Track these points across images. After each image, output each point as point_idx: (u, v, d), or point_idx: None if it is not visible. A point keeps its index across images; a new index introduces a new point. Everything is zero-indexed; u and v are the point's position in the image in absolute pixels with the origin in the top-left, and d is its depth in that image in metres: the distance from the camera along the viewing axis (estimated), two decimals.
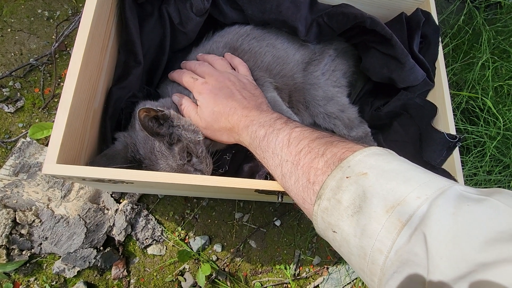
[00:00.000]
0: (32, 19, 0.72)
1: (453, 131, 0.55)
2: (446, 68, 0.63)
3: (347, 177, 0.29)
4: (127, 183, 0.43)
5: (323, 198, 0.30)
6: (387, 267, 0.25)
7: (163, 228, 0.67)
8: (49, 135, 0.60)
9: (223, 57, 0.57)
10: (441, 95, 0.58)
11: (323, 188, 0.30)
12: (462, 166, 0.69)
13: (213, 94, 0.47)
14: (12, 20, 0.71)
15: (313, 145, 0.34)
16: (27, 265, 0.60)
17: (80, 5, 0.75)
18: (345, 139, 0.34)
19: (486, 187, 0.76)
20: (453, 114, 0.60)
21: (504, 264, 0.19)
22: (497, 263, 0.19)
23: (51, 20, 0.73)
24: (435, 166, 0.54)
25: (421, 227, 0.24)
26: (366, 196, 0.27)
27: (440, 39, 0.62)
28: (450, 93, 0.61)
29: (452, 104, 0.59)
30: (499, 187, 0.75)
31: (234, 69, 0.55)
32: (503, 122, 0.68)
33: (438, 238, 0.22)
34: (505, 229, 0.21)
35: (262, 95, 0.49)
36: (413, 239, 0.24)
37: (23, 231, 0.59)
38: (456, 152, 0.54)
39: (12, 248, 0.59)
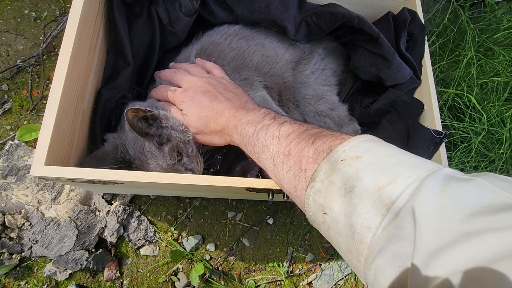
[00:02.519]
0: (18, 20, 0.71)
1: (439, 128, 0.56)
2: (433, 66, 0.64)
3: (341, 160, 0.30)
4: (117, 183, 0.43)
5: (316, 180, 0.31)
6: (374, 244, 0.26)
7: (155, 228, 0.67)
8: (38, 137, 0.59)
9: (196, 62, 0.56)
10: (427, 92, 0.59)
11: (317, 171, 0.31)
12: (449, 161, 0.70)
13: (196, 100, 0.47)
14: None
15: (303, 136, 0.35)
16: (18, 268, 0.59)
17: (68, 5, 0.74)
18: (333, 130, 0.35)
19: None
20: (440, 111, 0.62)
21: (486, 233, 0.20)
22: (480, 233, 0.20)
23: (38, 21, 0.72)
24: None
25: (410, 202, 0.25)
26: (359, 176, 0.28)
27: (426, 38, 0.63)
28: (437, 90, 0.62)
29: (439, 101, 0.60)
30: None
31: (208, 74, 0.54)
32: (487, 118, 0.70)
33: (426, 211, 0.23)
34: (489, 203, 0.22)
35: (245, 93, 0.49)
36: (401, 213, 0.25)
37: (13, 235, 0.59)
38: (442, 148, 0.56)
39: (2, 252, 0.58)
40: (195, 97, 0.47)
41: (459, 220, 0.22)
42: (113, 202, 0.66)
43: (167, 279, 0.65)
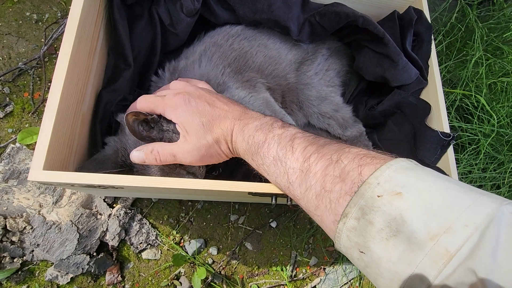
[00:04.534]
0: (20, 22, 0.71)
1: (447, 129, 0.54)
2: (440, 65, 0.62)
3: (378, 196, 0.27)
4: (117, 188, 0.42)
5: (349, 217, 0.28)
6: None
7: (157, 232, 0.66)
8: None
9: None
10: (434, 93, 0.58)
11: (349, 206, 0.28)
12: (457, 164, 0.69)
13: (193, 104, 0.41)
14: (0, 24, 0.70)
15: (323, 151, 0.32)
16: (19, 272, 0.58)
17: (69, 7, 0.74)
18: (352, 145, 0.33)
19: (482, 185, 0.76)
20: (448, 112, 0.60)
21: None
22: None
23: (40, 23, 0.72)
24: (430, 164, 0.54)
25: (471, 260, 0.22)
26: (404, 220, 0.25)
27: (432, 37, 0.61)
28: (444, 91, 0.61)
29: (446, 102, 0.59)
30: (494, 184, 0.76)
31: None
32: (497, 120, 0.68)
33: (491, 276, 0.21)
34: None
35: (240, 103, 0.44)
36: (461, 270, 0.23)
37: (14, 238, 0.58)
38: (450, 150, 0.54)
39: (3, 255, 0.58)
40: (191, 100, 0.41)
41: None
42: (114, 205, 0.65)
43: (169, 283, 0.64)
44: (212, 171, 0.55)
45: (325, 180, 0.30)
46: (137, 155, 0.43)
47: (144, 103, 0.44)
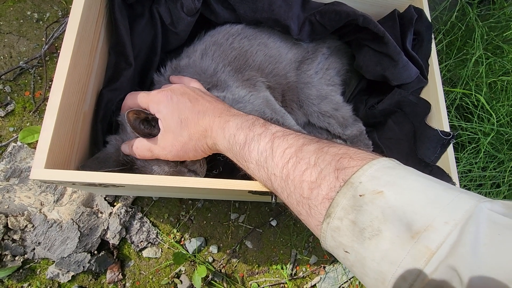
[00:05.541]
0: (21, 21, 0.71)
1: (447, 128, 0.54)
2: (440, 64, 0.63)
3: (360, 195, 0.27)
4: (118, 186, 0.42)
5: (333, 217, 0.28)
6: None
7: (158, 230, 0.67)
8: None
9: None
10: (434, 92, 0.58)
11: (332, 206, 0.28)
12: (457, 162, 0.69)
13: (175, 101, 0.42)
14: (1, 23, 0.70)
15: (301, 154, 0.31)
16: (20, 270, 0.59)
17: (70, 6, 0.74)
18: (334, 143, 0.32)
19: (481, 184, 0.76)
20: (448, 111, 0.60)
21: None
22: None
23: (41, 22, 0.72)
24: (430, 163, 0.54)
25: (452, 257, 0.22)
26: (386, 218, 0.25)
27: (433, 36, 0.61)
28: (444, 89, 0.61)
29: (446, 100, 0.59)
30: (494, 183, 0.76)
31: None
32: (496, 118, 0.68)
33: (472, 271, 0.21)
34: None
35: (224, 102, 0.45)
36: (442, 268, 0.23)
37: (16, 237, 0.59)
38: (450, 149, 0.54)
39: (5, 254, 0.58)
40: (173, 97, 0.42)
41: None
42: (115, 203, 0.65)
43: (170, 282, 0.65)
44: (213, 170, 0.55)
45: (302, 187, 0.30)
46: (124, 148, 0.47)
47: (130, 99, 0.47)
